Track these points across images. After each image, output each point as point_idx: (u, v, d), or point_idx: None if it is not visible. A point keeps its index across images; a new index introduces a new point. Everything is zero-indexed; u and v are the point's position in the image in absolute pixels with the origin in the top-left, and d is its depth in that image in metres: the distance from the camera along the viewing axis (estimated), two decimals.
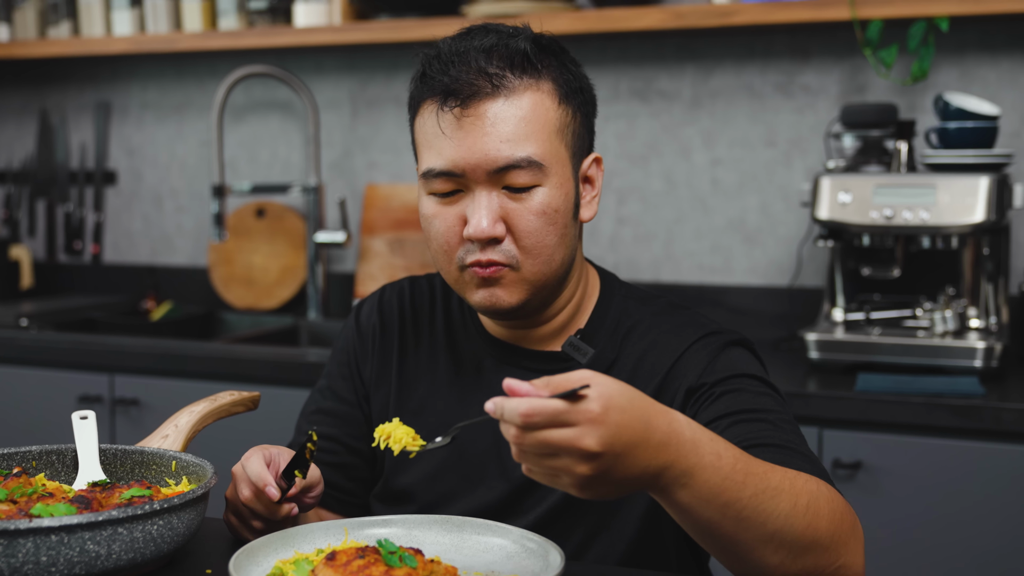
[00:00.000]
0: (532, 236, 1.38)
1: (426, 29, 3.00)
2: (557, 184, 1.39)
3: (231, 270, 3.47)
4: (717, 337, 1.44)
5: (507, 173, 1.36)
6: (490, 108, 1.35)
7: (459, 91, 1.35)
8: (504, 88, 1.36)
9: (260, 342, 3.09)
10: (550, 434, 1.01)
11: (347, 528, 1.26)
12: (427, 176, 1.39)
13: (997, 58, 2.74)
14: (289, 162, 3.46)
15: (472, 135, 1.35)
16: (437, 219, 1.40)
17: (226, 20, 3.31)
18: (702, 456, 1.08)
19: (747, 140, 2.96)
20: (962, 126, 2.46)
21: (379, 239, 3.30)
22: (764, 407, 1.34)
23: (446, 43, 1.40)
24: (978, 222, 2.36)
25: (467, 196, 1.38)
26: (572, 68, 1.43)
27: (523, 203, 1.37)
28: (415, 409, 1.53)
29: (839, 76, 2.87)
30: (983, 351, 2.37)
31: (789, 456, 1.26)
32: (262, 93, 3.46)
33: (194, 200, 3.58)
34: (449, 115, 1.36)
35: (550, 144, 1.38)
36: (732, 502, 1.09)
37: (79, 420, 1.44)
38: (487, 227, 1.36)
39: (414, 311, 1.59)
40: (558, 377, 1.04)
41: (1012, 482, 2.16)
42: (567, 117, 1.41)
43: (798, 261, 2.90)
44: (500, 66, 1.36)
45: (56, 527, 1.10)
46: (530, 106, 1.37)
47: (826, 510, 1.15)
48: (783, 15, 2.69)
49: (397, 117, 3.31)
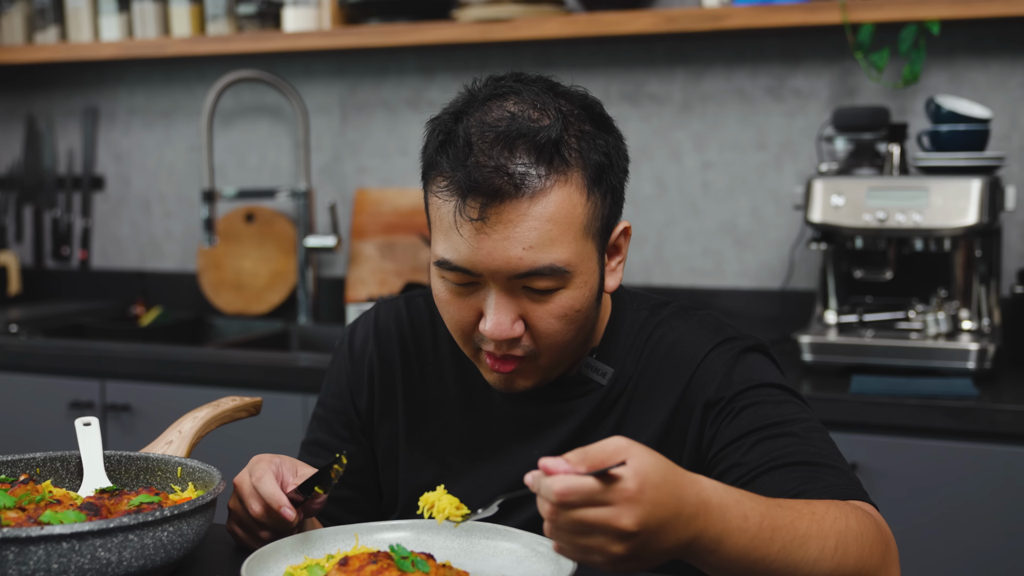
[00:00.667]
0: (552, 337, 1.31)
1: (417, 33, 3.00)
2: (581, 284, 1.31)
3: (220, 275, 3.46)
4: (732, 344, 1.41)
5: (528, 279, 1.27)
6: (512, 211, 1.24)
7: (479, 187, 1.23)
8: (528, 188, 1.24)
9: (251, 347, 3.08)
10: (585, 513, 0.99)
11: (357, 533, 1.25)
12: (441, 267, 1.30)
13: (987, 61, 2.76)
14: (279, 167, 3.45)
15: (492, 240, 1.25)
16: (451, 306, 1.33)
17: (215, 25, 3.30)
18: (729, 521, 1.06)
19: (738, 143, 2.97)
20: (954, 129, 2.47)
21: (369, 243, 3.29)
22: (786, 417, 1.32)
23: (472, 114, 1.28)
24: (971, 224, 2.38)
25: (484, 290, 1.30)
26: (603, 143, 1.30)
27: (544, 305, 1.30)
28: (427, 442, 1.48)
29: (829, 79, 2.88)
30: (976, 353, 2.38)
31: (817, 472, 1.26)
32: (251, 98, 3.46)
33: (182, 205, 3.57)
34: (470, 214, 1.25)
35: (576, 245, 1.28)
36: (760, 559, 1.09)
37: (83, 426, 1.43)
38: (506, 328, 1.29)
39: (415, 337, 1.52)
40: (594, 449, 1.01)
41: (1007, 483, 2.17)
42: (595, 208, 1.30)
43: (790, 264, 2.91)
44: (525, 161, 1.24)
45: (68, 534, 1.09)
46: (556, 206, 1.25)
47: (854, 546, 1.15)
48: (774, 19, 2.70)
49: (387, 121, 3.31)
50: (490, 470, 1.45)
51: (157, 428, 2.69)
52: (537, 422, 1.44)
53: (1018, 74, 2.74)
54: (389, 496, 1.53)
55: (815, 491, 1.25)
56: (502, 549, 1.24)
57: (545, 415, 1.44)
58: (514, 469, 1.43)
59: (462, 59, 3.21)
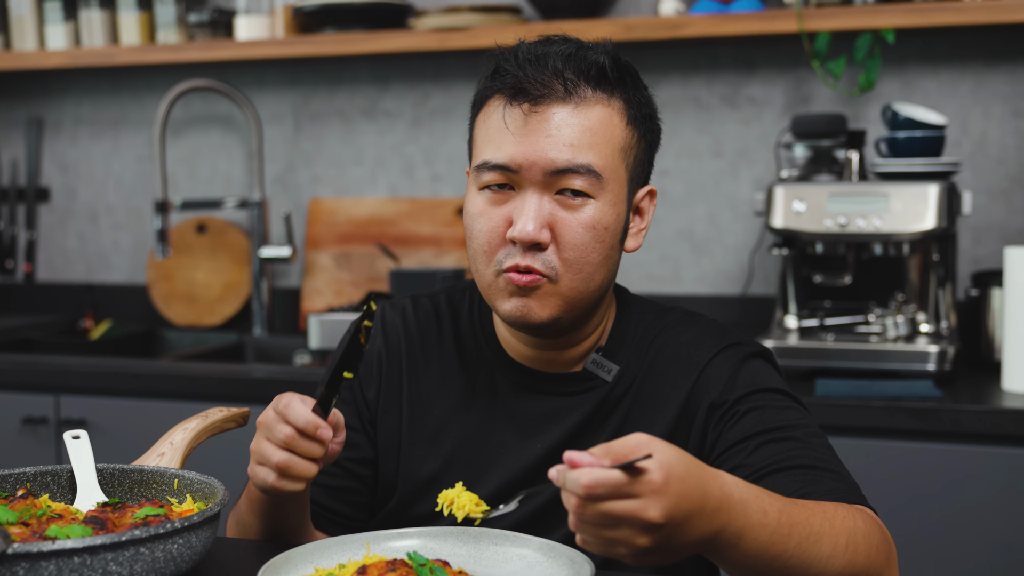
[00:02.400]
0: (577, 249, 1.35)
1: (373, 42, 2.99)
2: (611, 202, 1.36)
3: (172, 287, 3.41)
4: (736, 350, 1.44)
5: (563, 176, 1.33)
6: (559, 112, 1.33)
7: (531, 90, 1.33)
8: (576, 96, 1.34)
9: (206, 359, 3.05)
10: (613, 505, 1.00)
11: (369, 542, 1.24)
12: (481, 168, 1.36)
13: (937, 69, 2.81)
14: (230, 177, 3.41)
15: (536, 134, 1.33)
16: (483, 217, 1.37)
17: (165, 34, 3.26)
18: (750, 516, 1.08)
19: (694, 151, 3.00)
20: (911, 135, 2.52)
21: (325, 254, 3.27)
22: (789, 422, 1.35)
23: (524, 44, 1.39)
24: (930, 229, 2.42)
25: (517, 197, 1.36)
26: (644, 93, 1.42)
27: (573, 214, 1.34)
28: (430, 436, 1.49)
29: (784, 87, 2.92)
30: (936, 355, 2.42)
31: (819, 476, 1.28)
32: (201, 107, 3.42)
33: (131, 216, 3.52)
34: (517, 111, 1.34)
35: (612, 159, 1.35)
36: (779, 555, 1.11)
37: (72, 440, 1.40)
38: (533, 230, 1.32)
39: (420, 333, 1.54)
40: (617, 444, 1.03)
41: (973, 482, 2.21)
42: (632, 139, 1.38)
43: (750, 269, 2.94)
44: (575, 73, 1.34)
45: (80, 548, 1.07)
46: (598, 119, 1.35)
47: (863, 545, 1.18)
48: (732, 27, 2.73)
49: (341, 131, 3.29)
50: (493, 465, 1.45)
51: (115, 443, 2.65)
52: (540, 417, 1.45)
53: (968, 81, 2.80)
54: (384, 490, 1.52)
55: (817, 494, 1.27)
56: (511, 555, 1.24)
57: (548, 410, 1.45)
58: (517, 464, 1.44)
59: (417, 68, 3.21)
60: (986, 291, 2.58)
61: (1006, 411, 2.21)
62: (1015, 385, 2.33)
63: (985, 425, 2.21)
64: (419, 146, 3.23)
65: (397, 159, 3.25)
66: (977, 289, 2.61)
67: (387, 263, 3.17)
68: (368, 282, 3.21)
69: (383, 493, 1.53)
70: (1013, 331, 2.33)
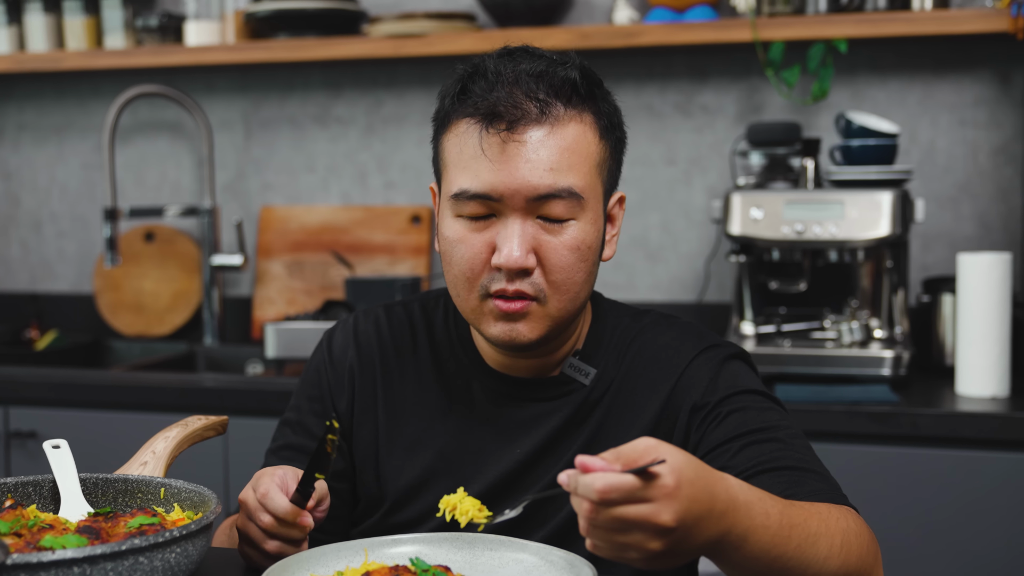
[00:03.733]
0: (563, 271, 1.34)
1: (327, 48, 2.97)
2: (591, 220, 1.36)
3: (119, 296, 3.36)
4: (716, 351, 1.45)
5: (546, 202, 1.32)
6: (535, 134, 1.31)
7: (504, 113, 1.31)
8: (550, 116, 1.32)
9: (156, 369, 3.01)
10: (626, 510, 1.00)
11: (367, 548, 1.23)
12: (459, 198, 1.34)
13: (886, 79, 2.86)
14: (179, 185, 3.37)
15: (515, 160, 1.31)
16: (463, 244, 1.35)
17: (112, 39, 3.22)
18: (754, 518, 1.09)
19: (648, 159, 3.02)
20: (865, 143, 2.56)
21: (276, 262, 3.24)
22: (770, 423, 1.36)
23: (491, 61, 1.35)
24: (884, 236, 2.46)
25: (499, 223, 1.34)
26: (611, 102, 1.41)
27: (557, 236, 1.33)
28: (408, 444, 1.48)
29: (736, 96, 2.95)
30: (892, 360, 2.47)
31: (803, 477, 1.30)
32: (148, 113, 3.37)
33: (77, 225, 3.46)
34: (495, 137, 1.31)
35: (590, 177, 1.35)
36: (780, 556, 1.12)
37: (52, 449, 1.37)
38: (520, 256, 1.31)
39: (394, 342, 1.53)
40: (626, 448, 1.03)
41: (931, 484, 2.25)
42: (605, 152, 1.38)
43: (706, 276, 2.97)
44: (548, 93, 1.32)
45: (80, 558, 1.05)
46: (574, 137, 1.33)
47: (855, 544, 1.20)
48: (686, 36, 2.76)
49: (293, 138, 3.27)
50: (472, 471, 1.45)
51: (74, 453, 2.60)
52: (519, 423, 1.45)
53: (916, 91, 2.85)
54: (366, 501, 1.51)
55: (802, 494, 1.28)
56: (507, 559, 1.24)
57: (527, 416, 1.45)
58: (497, 470, 1.44)
59: (370, 75, 3.19)
60: (937, 297, 2.63)
61: (962, 415, 2.25)
62: (969, 389, 2.37)
63: (942, 428, 2.25)
64: (372, 153, 3.22)
65: (350, 166, 3.24)
66: (928, 295, 2.65)
67: (340, 271, 3.15)
68: (321, 290, 3.18)
69: (365, 504, 1.52)
70: (967, 336, 2.37)
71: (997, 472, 2.22)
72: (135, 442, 2.29)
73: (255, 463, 2.47)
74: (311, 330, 2.71)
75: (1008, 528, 2.22)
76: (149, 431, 2.60)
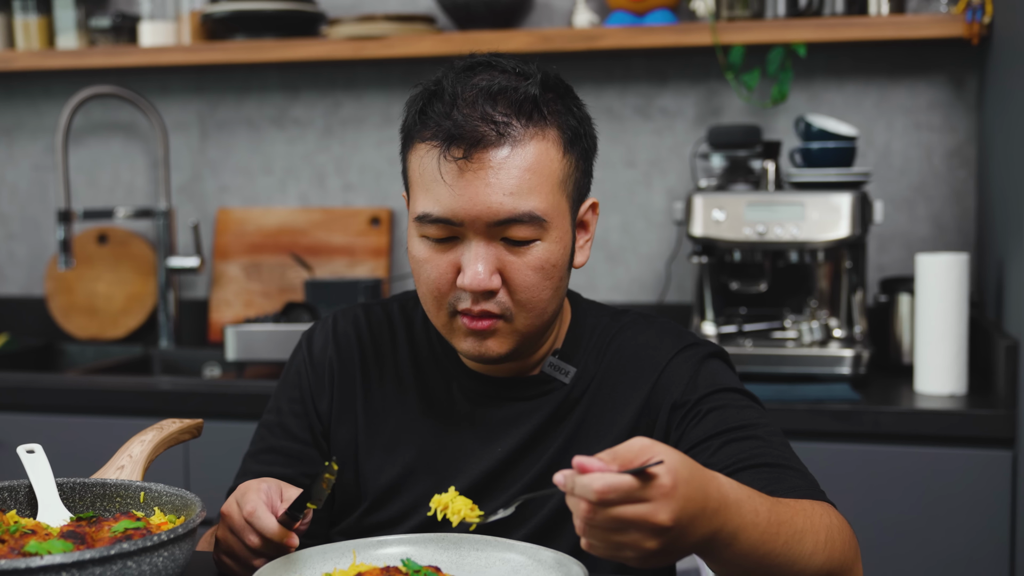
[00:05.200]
0: (528, 291, 1.34)
1: (286, 50, 2.95)
2: (556, 238, 1.35)
3: (71, 299, 3.31)
4: (696, 350, 1.46)
5: (508, 227, 1.31)
6: (494, 157, 1.30)
7: (462, 137, 1.29)
8: (510, 137, 1.30)
9: (111, 372, 2.97)
10: (624, 510, 1.01)
11: (355, 550, 1.22)
12: (422, 220, 1.34)
13: (843, 83, 2.90)
14: (133, 186, 3.33)
15: (474, 185, 1.30)
16: (429, 264, 1.36)
17: (65, 39, 3.17)
18: (744, 516, 1.11)
19: (608, 161, 3.04)
20: (824, 146, 2.59)
21: (234, 264, 3.21)
22: (750, 421, 1.38)
23: (449, 80, 1.33)
24: (844, 237, 2.49)
25: (462, 244, 1.34)
26: (576, 112, 1.39)
27: (521, 257, 1.33)
28: (387, 444, 1.48)
29: (695, 99, 2.97)
30: (852, 359, 2.50)
31: (783, 473, 1.32)
32: (101, 115, 3.33)
33: (27, 227, 3.41)
34: (452, 164, 1.30)
35: (553, 197, 1.34)
36: (768, 553, 1.14)
37: (27, 454, 1.35)
38: (484, 279, 1.32)
39: (374, 342, 1.53)
40: (622, 449, 1.04)
41: (893, 480, 2.28)
42: (570, 167, 1.36)
43: (667, 277, 2.98)
44: (506, 112, 1.31)
45: (69, 563, 1.03)
46: (535, 156, 1.31)
47: (838, 540, 1.22)
48: (648, 39, 2.77)
49: (249, 139, 3.24)
50: (453, 471, 1.45)
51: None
52: (499, 422, 1.46)
53: (872, 95, 2.89)
54: (344, 500, 1.50)
55: (782, 491, 1.30)
56: (495, 559, 1.24)
57: (507, 415, 1.46)
58: (478, 468, 1.44)
59: (328, 76, 3.18)
60: (894, 297, 2.66)
61: (923, 412, 2.29)
62: (928, 387, 2.41)
63: (903, 426, 2.28)
64: (330, 155, 3.20)
65: (308, 168, 3.22)
66: (886, 295, 2.69)
67: (299, 273, 3.13)
68: (279, 292, 3.16)
69: (342, 503, 1.51)
70: (926, 335, 2.41)
71: (956, 467, 2.26)
72: (92, 447, 2.27)
73: (216, 466, 2.45)
74: (272, 332, 2.69)
75: (966, 521, 2.25)
76: (107, 435, 2.60)
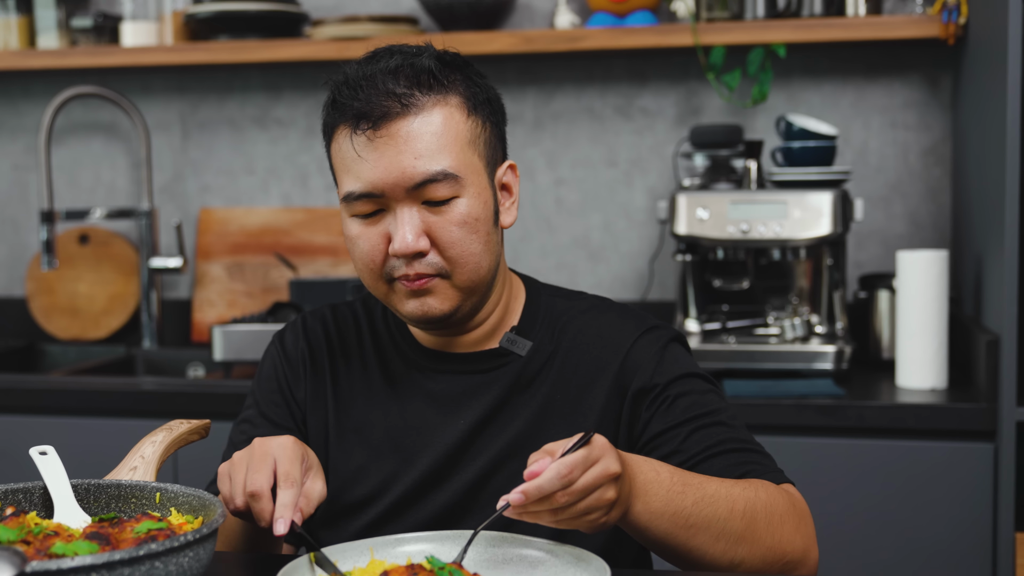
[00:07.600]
0: (456, 246, 1.42)
1: (269, 51, 2.96)
2: (475, 193, 1.43)
3: (53, 300, 3.31)
4: (657, 333, 1.53)
5: (425, 188, 1.40)
6: (402, 127, 1.39)
7: (370, 113, 1.39)
8: (413, 106, 1.40)
9: (94, 373, 2.97)
10: (586, 476, 1.17)
11: (372, 548, 1.25)
12: (348, 199, 1.43)
13: (820, 83, 2.94)
14: (114, 186, 3.33)
15: (387, 155, 1.39)
16: (361, 239, 1.44)
17: (46, 39, 3.16)
18: (645, 472, 1.27)
19: (589, 160, 3.07)
20: (805, 145, 2.63)
21: (216, 264, 3.22)
22: (714, 407, 1.47)
23: (352, 68, 1.44)
24: (826, 234, 2.54)
25: (389, 215, 1.42)
26: (477, 80, 1.48)
27: (444, 215, 1.42)
28: (355, 427, 1.55)
29: (676, 99, 3.01)
30: (834, 354, 2.54)
31: (749, 457, 1.43)
32: (82, 115, 3.33)
33: (7, 227, 3.40)
34: (362, 137, 1.40)
35: (464, 155, 1.42)
36: (679, 511, 1.27)
37: (40, 456, 1.36)
38: (411, 242, 1.40)
39: (340, 335, 1.61)
40: (550, 444, 1.22)
41: (877, 474, 2.33)
42: (477, 128, 1.45)
43: (650, 275, 3.02)
44: (407, 85, 1.40)
45: (99, 564, 1.05)
46: (440, 121, 1.41)
47: (762, 512, 1.33)
48: (629, 40, 2.80)
49: (232, 139, 3.25)
50: (420, 447, 1.52)
51: (7, 460, 2.56)
52: (459, 396, 1.52)
53: (849, 94, 2.94)
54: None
55: (754, 474, 1.41)
56: (513, 555, 1.26)
57: (465, 388, 1.52)
58: (443, 442, 1.51)
59: (310, 77, 3.19)
60: (873, 293, 2.71)
61: (905, 406, 2.33)
62: (909, 382, 2.45)
63: (887, 420, 2.33)
64: (313, 155, 3.21)
65: (290, 168, 3.23)
66: (865, 292, 2.74)
67: (282, 273, 3.14)
68: (263, 292, 3.17)
69: None
70: (907, 331, 2.46)
71: (939, 460, 2.31)
72: (79, 447, 2.27)
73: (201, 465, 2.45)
74: (259, 332, 2.70)
75: (948, 512, 2.30)
76: (92, 436, 2.61)
